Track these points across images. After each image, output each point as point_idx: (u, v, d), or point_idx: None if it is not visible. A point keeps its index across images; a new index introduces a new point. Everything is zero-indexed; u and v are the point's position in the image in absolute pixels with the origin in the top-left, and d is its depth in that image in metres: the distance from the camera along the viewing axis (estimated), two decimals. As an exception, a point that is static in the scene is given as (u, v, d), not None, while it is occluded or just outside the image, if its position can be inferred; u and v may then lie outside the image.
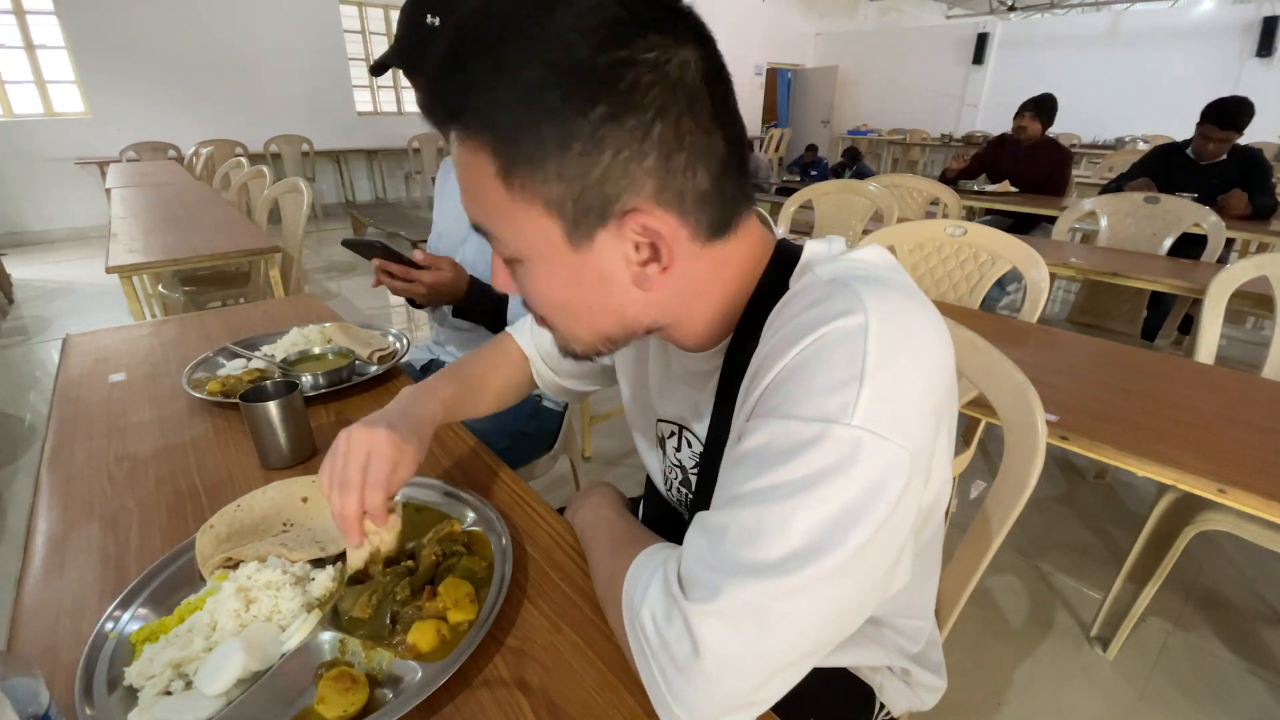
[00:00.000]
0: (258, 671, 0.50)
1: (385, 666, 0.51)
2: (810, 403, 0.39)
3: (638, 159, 0.39)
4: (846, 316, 0.40)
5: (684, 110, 0.39)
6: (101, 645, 0.52)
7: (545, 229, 0.42)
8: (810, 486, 0.38)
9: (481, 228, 0.45)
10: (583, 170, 0.39)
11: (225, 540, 0.63)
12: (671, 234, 0.42)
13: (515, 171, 0.40)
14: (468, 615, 0.54)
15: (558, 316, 0.49)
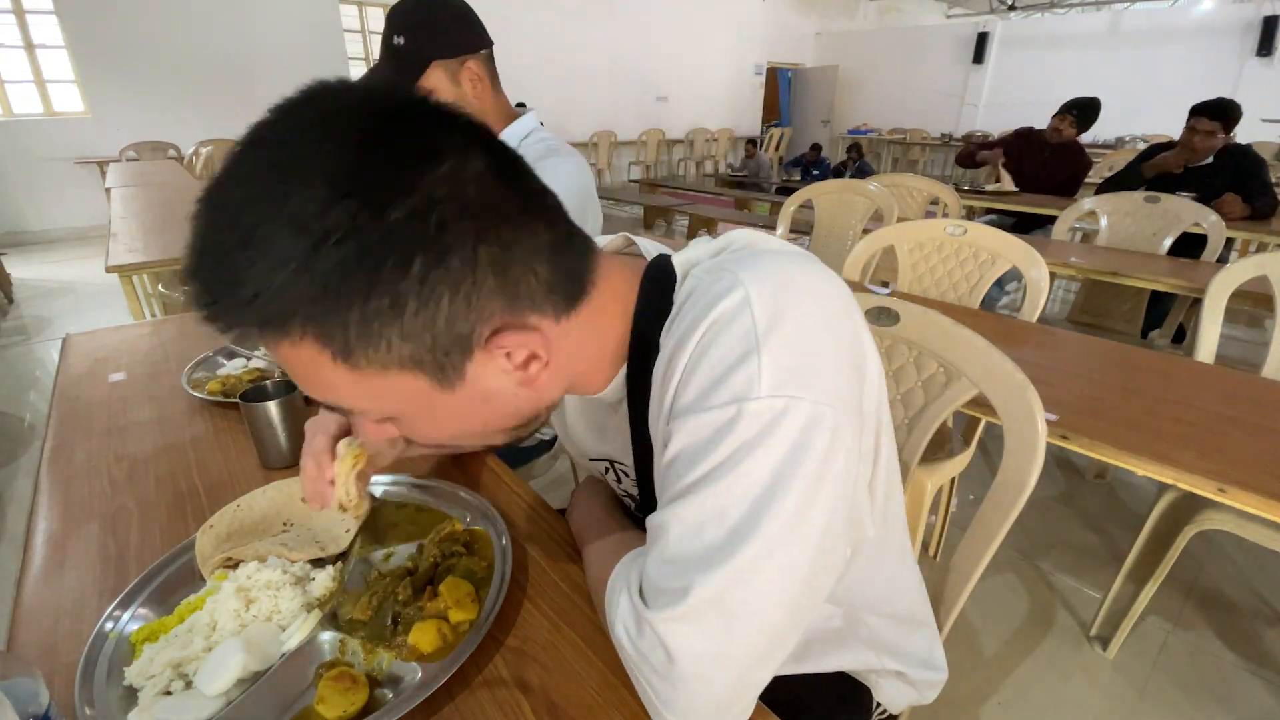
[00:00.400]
0: (257, 671, 0.50)
1: (385, 667, 0.51)
2: (717, 391, 0.39)
3: (477, 290, 0.37)
4: (727, 296, 0.40)
5: (499, 221, 0.37)
6: (101, 645, 0.52)
7: (409, 385, 0.39)
8: (735, 464, 0.38)
9: (345, 410, 0.43)
10: (427, 324, 0.36)
11: (225, 540, 0.63)
12: (540, 334, 0.41)
13: (354, 350, 0.36)
14: (468, 615, 0.54)
15: (455, 442, 0.49)
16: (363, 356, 0.36)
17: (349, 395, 0.39)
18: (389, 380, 0.38)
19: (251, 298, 0.34)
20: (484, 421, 0.45)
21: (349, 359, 0.36)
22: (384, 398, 0.40)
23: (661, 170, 9.33)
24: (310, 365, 0.37)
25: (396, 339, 0.36)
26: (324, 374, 0.37)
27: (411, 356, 0.37)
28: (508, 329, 0.40)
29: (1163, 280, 1.95)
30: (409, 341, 0.37)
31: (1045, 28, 9.44)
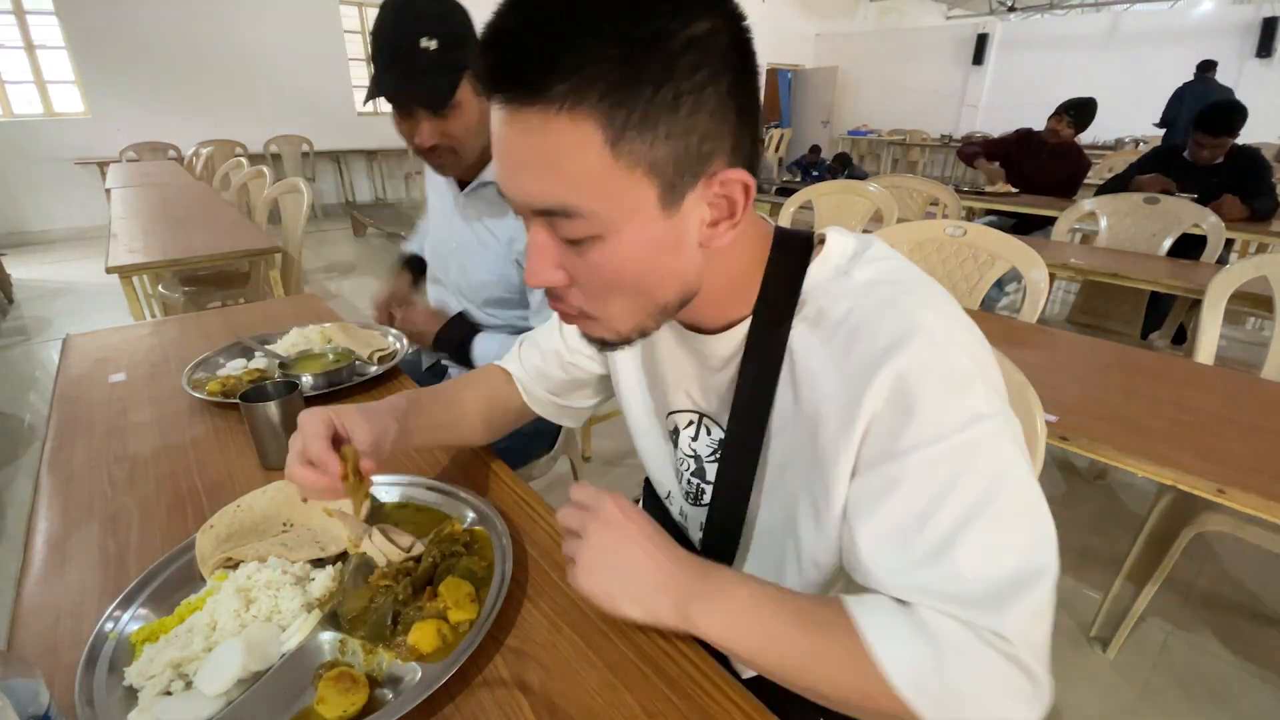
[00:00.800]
0: (257, 671, 0.50)
1: (385, 667, 0.51)
2: (948, 418, 0.43)
3: (724, 119, 0.42)
4: (919, 338, 0.44)
5: (748, 76, 0.43)
6: (101, 645, 0.52)
7: (642, 195, 0.42)
8: (999, 480, 0.43)
9: (558, 210, 0.42)
10: (687, 130, 0.40)
11: (225, 540, 0.63)
12: (746, 191, 0.45)
13: (626, 136, 0.39)
14: (468, 615, 0.54)
15: (624, 293, 0.47)
16: (630, 144, 0.40)
17: (589, 188, 0.41)
18: (633, 182, 0.41)
19: (571, 57, 0.38)
20: (662, 272, 0.46)
21: (618, 143, 0.39)
22: (616, 201, 0.42)
23: (661, 171, 9.32)
24: (575, 146, 0.39)
25: (663, 135, 0.40)
26: (584, 155, 0.40)
27: (662, 162, 0.41)
28: (731, 170, 0.44)
29: (1162, 281, 1.95)
30: (669, 143, 0.40)
31: (1045, 29, 9.45)
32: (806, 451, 0.51)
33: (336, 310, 1.39)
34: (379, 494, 0.73)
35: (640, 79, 0.38)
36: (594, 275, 0.46)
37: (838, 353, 0.47)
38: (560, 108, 0.38)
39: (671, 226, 0.44)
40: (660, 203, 0.42)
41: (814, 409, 0.50)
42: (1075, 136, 3.56)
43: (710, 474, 0.63)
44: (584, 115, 0.39)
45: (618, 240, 0.43)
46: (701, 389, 0.61)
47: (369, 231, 5.85)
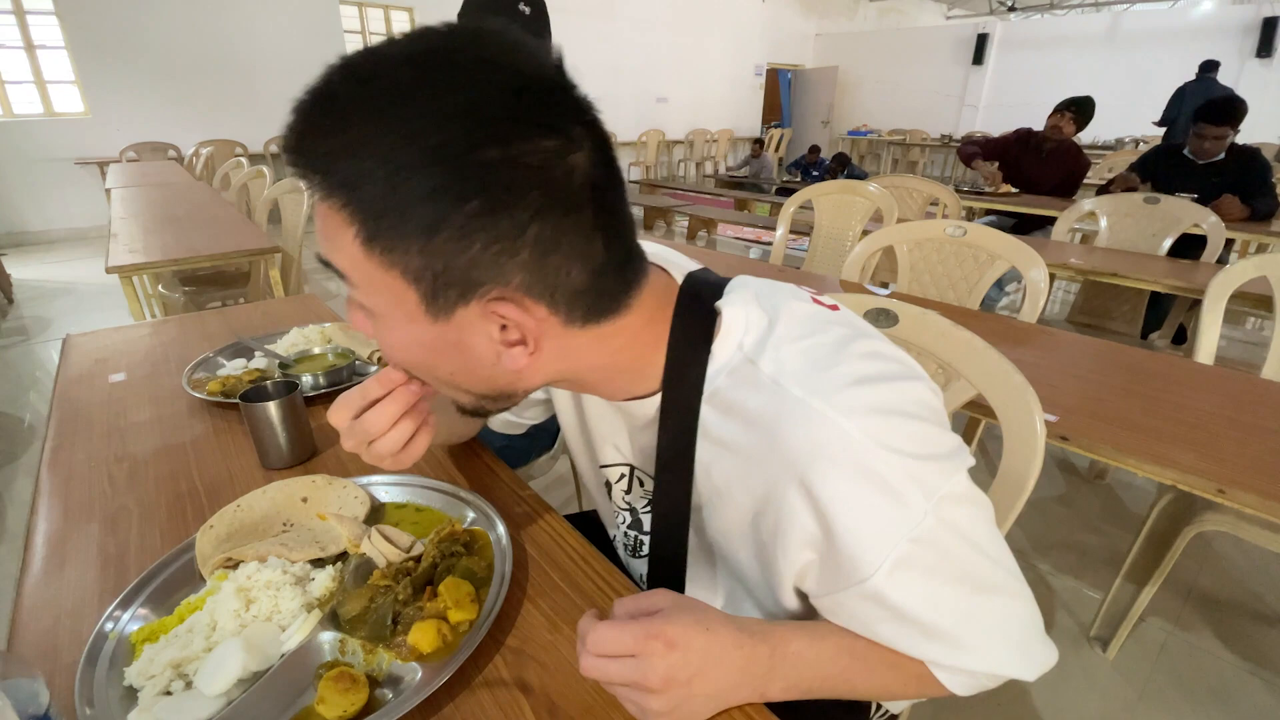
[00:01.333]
0: (257, 671, 0.50)
1: (385, 667, 0.51)
2: (890, 538, 0.42)
3: (509, 254, 0.38)
4: (828, 460, 0.42)
5: (563, 214, 0.39)
6: (101, 645, 0.52)
7: (401, 293, 0.40)
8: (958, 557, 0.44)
9: (337, 271, 0.42)
10: (448, 254, 0.38)
11: (225, 540, 0.63)
12: (537, 324, 0.42)
13: (375, 243, 0.38)
14: (468, 615, 0.54)
15: (418, 372, 0.48)
16: (380, 249, 0.39)
17: (349, 268, 0.41)
18: (389, 280, 0.40)
19: (337, 159, 0.37)
20: (450, 369, 0.45)
21: (368, 244, 0.39)
22: (375, 291, 0.41)
23: (661, 171, 9.34)
24: (334, 229, 0.39)
25: (415, 251, 0.38)
26: (341, 240, 0.39)
27: (416, 271, 0.39)
28: (510, 301, 0.40)
29: (1162, 281, 1.95)
30: (423, 257, 0.38)
31: (1045, 29, 9.45)
32: (743, 527, 0.50)
33: (336, 310, 1.39)
34: (379, 494, 0.73)
35: (395, 196, 0.37)
36: (381, 344, 0.46)
37: (754, 455, 0.46)
38: (321, 195, 0.39)
39: (441, 332, 0.42)
40: (423, 306, 0.41)
41: (741, 498, 0.48)
42: (1076, 134, 3.56)
43: (647, 524, 0.62)
44: (337, 209, 0.38)
45: (388, 325, 0.43)
46: (630, 443, 0.59)
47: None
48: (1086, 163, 3.64)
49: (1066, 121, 3.49)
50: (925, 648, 0.46)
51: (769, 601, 0.54)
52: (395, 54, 0.37)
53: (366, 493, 0.71)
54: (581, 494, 1.59)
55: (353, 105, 0.37)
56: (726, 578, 0.58)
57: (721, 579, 0.58)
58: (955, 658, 0.47)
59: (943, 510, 0.42)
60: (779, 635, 0.46)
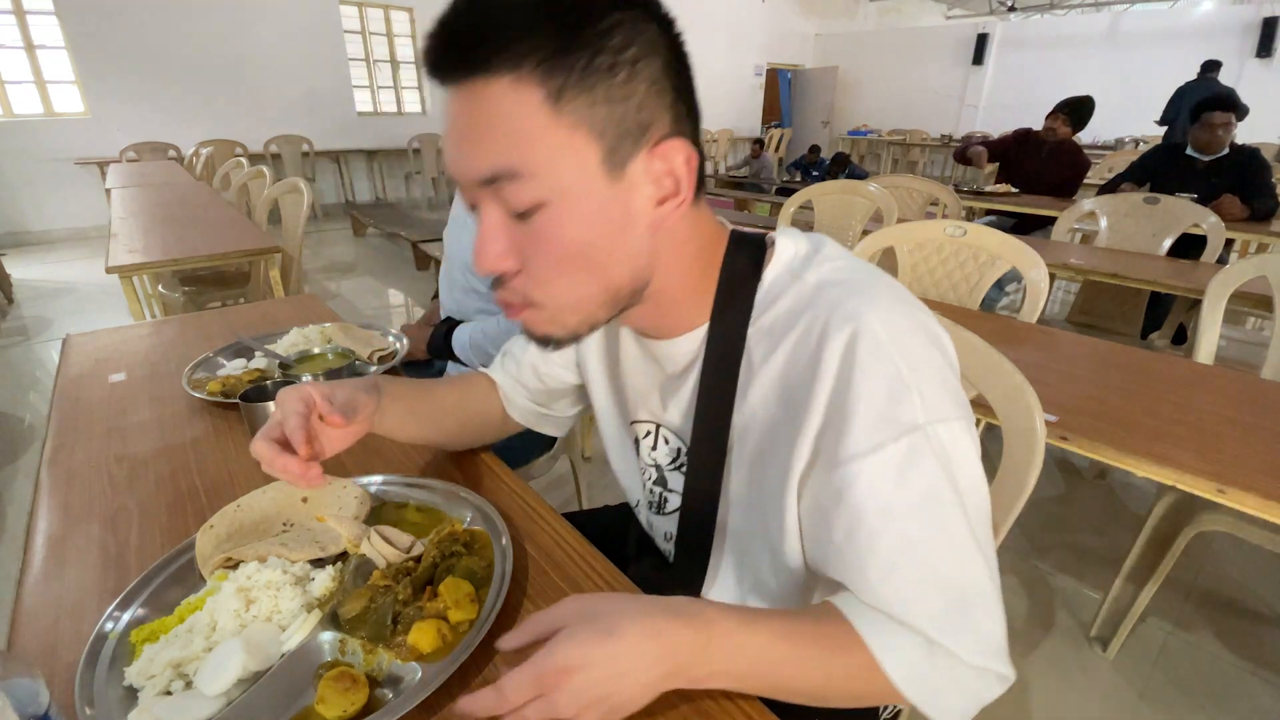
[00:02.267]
0: (257, 671, 0.50)
1: (385, 667, 0.51)
2: (884, 426, 0.44)
3: (661, 93, 0.44)
4: (862, 337, 0.45)
5: (678, 61, 0.46)
6: (101, 645, 0.52)
7: (584, 155, 0.43)
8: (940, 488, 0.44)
9: (503, 172, 0.43)
10: (625, 96, 0.43)
11: (225, 540, 0.63)
12: (689, 165, 0.46)
13: (565, 94, 0.41)
14: (468, 615, 0.53)
15: (571, 270, 0.47)
16: (570, 103, 0.42)
17: (532, 147, 0.42)
18: (574, 141, 0.43)
19: (508, 32, 0.41)
20: (608, 249, 0.47)
21: (558, 102, 0.41)
22: (559, 160, 0.43)
23: (661, 171, 9.31)
24: (516, 107, 0.42)
25: (601, 99, 0.42)
26: (525, 114, 0.42)
27: (602, 123, 0.43)
28: (671, 140, 0.45)
29: (1162, 281, 1.95)
30: (608, 104, 0.42)
31: (1045, 29, 9.45)
32: (767, 455, 0.52)
33: (336, 310, 1.39)
34: (379, 493, 0.73)
35: (574, 48, 0.41)
36: (542, 249, 0.46)
37: (787, 356, 0.49)
38: (501, 75, 0.41)
39: (616, 196, 0.45)
40: (603, 165, 0.44)
41: (770, 413, 0.51)
42: (1073, 135, 3.56)
43: (672, 482, 0.64)
44: (524, 78, 0.41)
45: (563, 205, 0.44)
46: (661, 399, 0.61)
47: (369, 231, 5.85)
48: (1086, 162, 3.64)
49: (1061, 123, 3.49)
50: (860, 567, 0.45)
51: (785, 560, 0.54)
52: None
53: (366, 493, 0.70)
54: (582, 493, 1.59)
55: None
56: (752, 537, 0.57)
57: (750, 537, 0.58)
58: (881, 592, 0.45)
59: (937, 435, 0.44)
60: (708, 616, 0.44)
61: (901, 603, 0.45)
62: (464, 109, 0.43)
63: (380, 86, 7.28)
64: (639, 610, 0.43)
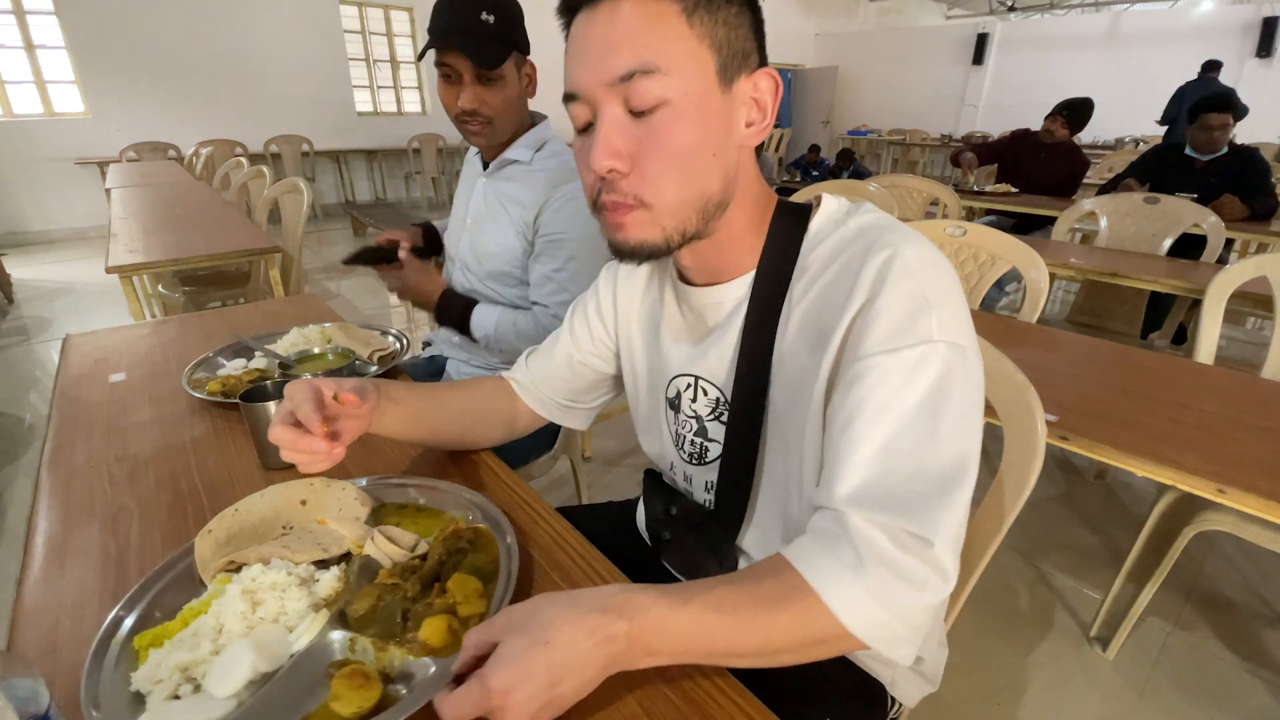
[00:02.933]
0: (266, 673, 0.49)
1: (397, 663, 0.51)
2: (903, 334, 0.49)
3: (757, 32, 0.54)
4: (899, 264, 0.50)
5: (760, 15, 0.55)
6: (105, 651, 0.52)
7: (706, 63, 0.51)
8: (940, 395, 0.49)
9: (639, 68, 0.49)
10: (739, 24, 0.52)
11: (224, 545, 0.63)
12: (774, 95, 0.54)
13: (698, 10, 0.50)
14: (477, 609, 0.54)
15: (679, 169, 0.52)
16: (700, 18, 0.50)
17: (666, 48, 0.50)
18: (700, 50, 0.50)
19: None
20: (713, 149, 0.53)
21: (692, 16, 0.50)
22: (687, 62, 0.50)
23: (661, 171, 9.30)
24: (656, 18, 0.49)
25: (722, 21, 0.51)
26: (663, 26, 0.49)
27: (721, 40, 0.51)
28: (765, 71, 0.54)
29: (1162, 281, 1.95)
30: (728, 27, 0.51)
31: (1045, 29, 9.45)
32: (801, 384, 0.56)
33: (336, 310, 1.39)
34: (379, 494, 0.73)
35: None
36: (658, 145, 0.51)
37: (823, 290, 0.55)
38: None
39: (723, 107, 0.52)
40: (718, 76, 0.51)
41: (805, 343, 0.56)
42: (1071, 137, 3.55)
43: (712, 432, 0.67)
44: None
45: (684, 104, 0.51)
46: (703, 350, 0.65)
47: (369, 231, 5.85)
48: (1085, 162, 3.64)
49: (1059, 125, 3.49)
50: (849, 452, 0.49)
51: (807, 468, 0.58)
52: None
53: (365, 494, 0.70)
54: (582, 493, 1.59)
55: None
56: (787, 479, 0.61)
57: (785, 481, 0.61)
58: (863, 474, 0.48)
59: (948, 351, 0.49)
60: (637, 603, 0.44)
61: (870, 484, 0.48)
62: (609, 19, 0.50)
63: (380, 86, 7.28)
64: (570, 614, 0.43)
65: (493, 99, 1.11)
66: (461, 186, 1.36)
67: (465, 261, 1.27)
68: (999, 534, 0.70)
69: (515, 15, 1.10)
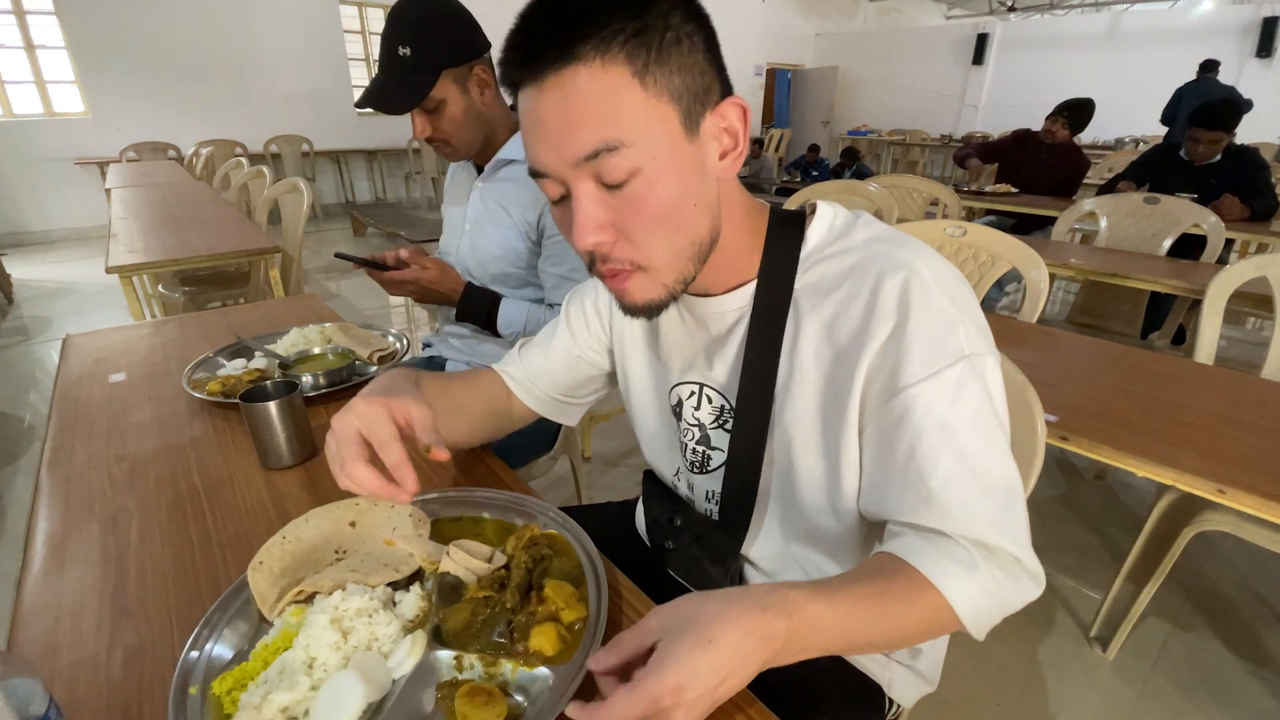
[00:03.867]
0: (373, 702, 0.47)
1: (511, 676, 0.50)
2: (939, 355, 0.51)
3: (710, 61, 0.50)
4: (918, 282, 0.51)
5: (711, 32, 0.51)
6: (184, 703, 0.48)
7: (668, 118, 0.49)
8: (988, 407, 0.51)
9: (604, 146, 0.48)
10: (691, 65, 0.49)
11: (280, 576, 0.59)
12: (743, 120, 0.52)
13: (650, 70, 0.47)
14: (580, 614, 0.53)
15: (666, 227, 0.52)
16: (653, 76, 0.47)
17: (628, 117, 0.47)
18: (660, 109, 0.48)
19: (592, 21, 0.46)
20: (694, 200, 0.52)
21: (644, 77, 0.47)
22: (650, 126, 0.48)
23: (661, 171, 9.30)
24: (610, 88, 0.47)
25: (676, 69, 0.48)
26: (621, 92, 0.47)
27: (678, 89, 0.48)
28: (728, 102, 0.52)
29: (1162, 281, 1.95)
30: (682, 73, 0.48)
31: (1045, 29, 9.45)
32: (824, 399, 0.56)
33: (336, 310, 1.39)
34: (435, 510, 0.70)
35: (648, 28, 0.47)
36: (639, 213, 0.50)
37: (839, 304, 0.54)
38: (592, 61, 0.46)
39: (694, 153, 0.51)
40: (683, 125, 0.49)
41: (823, 360, 0.56)
42: (1072, 137, 3.55)
43: (715, 440, 0.67)
44: (612, 61, 0.46)
45: (655, 167, 0.49)
46: (706, 358, 0.64)
47: (369, 231, 5.85)
48: (1085, 162, 3.64)
49: (1060, 126, 3.49)
50: (923, 479, 0.50)
51: (829, 508, 0.59)
52: None
53: (420, 510, 0.68)
54: (582, 493, 1.59)
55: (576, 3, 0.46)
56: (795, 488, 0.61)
57: (793, 489, 0.62)
58: (943, 499, 0.50)
59: (982, 364, 0.51)
60: (793, 601, 0.44)
61: (962, 507, 0.49)
62: (559, 98, 0.47)
63: (380, 86, 7.27)
64: (732, 612, 0.42)
65: (441, 123, 1.08)
66: (451, 194, 1.33)
67: (467, 267, 1.25)
68: (999, 534, 0.70)
69: (438, 36, 1.03)
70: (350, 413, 0.56)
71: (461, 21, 1.06)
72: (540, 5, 0.48)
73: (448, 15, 1.05)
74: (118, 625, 0.57)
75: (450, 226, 1.32)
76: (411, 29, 1.01)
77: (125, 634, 0.56)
